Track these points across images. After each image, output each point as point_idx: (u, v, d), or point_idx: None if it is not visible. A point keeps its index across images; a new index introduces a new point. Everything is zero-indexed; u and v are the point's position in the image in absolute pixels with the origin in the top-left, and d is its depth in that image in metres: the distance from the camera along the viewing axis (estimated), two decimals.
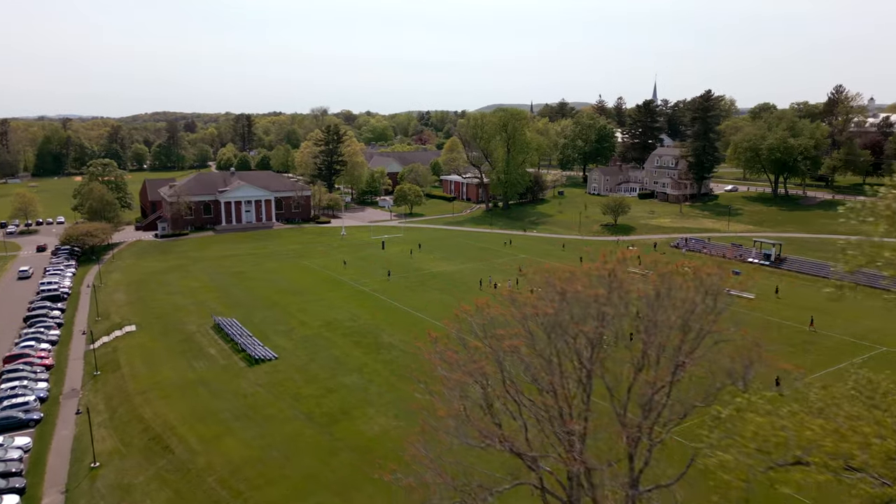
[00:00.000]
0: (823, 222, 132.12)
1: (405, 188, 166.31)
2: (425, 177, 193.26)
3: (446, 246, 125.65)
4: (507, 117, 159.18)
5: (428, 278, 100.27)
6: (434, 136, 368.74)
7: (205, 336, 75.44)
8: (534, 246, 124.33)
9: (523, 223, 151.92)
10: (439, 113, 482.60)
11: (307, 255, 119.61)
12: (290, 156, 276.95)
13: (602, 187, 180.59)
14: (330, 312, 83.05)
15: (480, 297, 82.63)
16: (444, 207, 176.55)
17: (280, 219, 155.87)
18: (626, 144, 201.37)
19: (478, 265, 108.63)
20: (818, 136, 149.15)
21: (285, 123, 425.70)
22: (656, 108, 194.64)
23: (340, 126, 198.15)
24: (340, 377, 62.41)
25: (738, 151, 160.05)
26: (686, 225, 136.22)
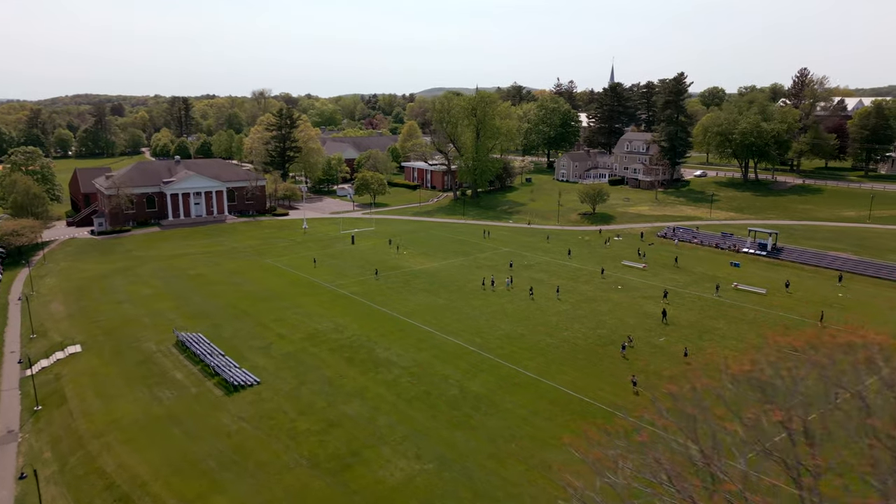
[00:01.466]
0: (804, 208, 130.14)
1: (367, 176, 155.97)
2: (385, 164, 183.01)
3: (421, 239, 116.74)
4: (477, 101, 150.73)
5: (410, 277, 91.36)
6: (385, 121, 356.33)
7: (167, 356, 64.47)
8: (514, 237, 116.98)
9: (496, 212, 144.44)
10: (387, 96, 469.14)
11: (269, 253, 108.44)
12: (233, 141, 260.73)
13: (571, 174, 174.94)
14: (310, 322, 73.22)
15: (481, 299, 74.12)
16: (408, 196, 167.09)
17: (233, 211, 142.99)
18: (591, 129, 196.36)
19: (461, 261, 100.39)
20: (790, 120, 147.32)
21: (224, 107, 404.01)
22: (623, 92, 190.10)
23: (294, 110, 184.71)
24: (340, 405, 53.19)
25: (707, 136, 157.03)
26: (666, 213, 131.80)
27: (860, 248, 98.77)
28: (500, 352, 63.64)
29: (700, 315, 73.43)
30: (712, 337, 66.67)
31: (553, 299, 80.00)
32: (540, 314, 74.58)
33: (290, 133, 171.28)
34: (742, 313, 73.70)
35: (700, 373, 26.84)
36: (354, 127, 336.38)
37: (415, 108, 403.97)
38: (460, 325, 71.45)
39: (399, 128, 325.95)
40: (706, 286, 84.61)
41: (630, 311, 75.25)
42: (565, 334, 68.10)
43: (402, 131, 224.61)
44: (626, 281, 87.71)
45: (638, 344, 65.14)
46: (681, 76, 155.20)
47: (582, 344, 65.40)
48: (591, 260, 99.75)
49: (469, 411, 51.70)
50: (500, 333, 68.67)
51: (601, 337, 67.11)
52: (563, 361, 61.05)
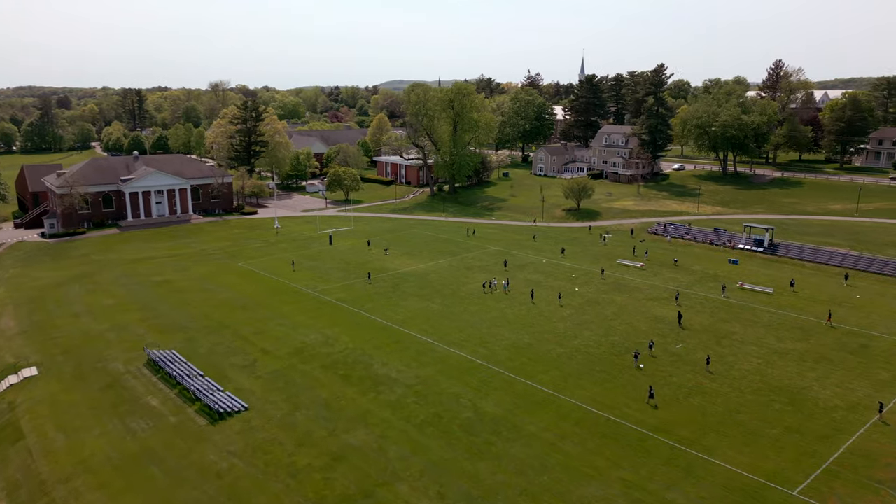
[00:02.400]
0: (789, 202, 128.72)
1: (339, 172, 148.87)
2: (357, 158, 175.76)
3: (404, 239, 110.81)
4: (454, 93, 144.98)
5: (399, 280, 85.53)
6: (350, 113, 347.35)
7: (139, 378, 57.38)
8: (501, 236, 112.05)
9: (476, 209, 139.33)
10: (349, 88, 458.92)
11: (242, 255, 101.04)
12: (192, 135, 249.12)
13: (549, 168, 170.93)
14: (296, 334, 66.84)
15: (479, 304, 68.89)
16: (382, 192, 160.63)
17: (198, 210, 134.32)
18: (567, 122, 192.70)
19: (449, 261, 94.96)
20: (770, 113, 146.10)
21: (180, 99, 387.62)
22: (599, 84, 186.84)
23: (259, 102, 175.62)
24: (342, 434, 47.31)
25: (686, 129, 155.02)
26: (651, 207, 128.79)
27: (856, 242, 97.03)
28: (510, 364, 58.58)
29: (712, 318, 69.71)
30: (730, 342, 62.89)
31: (555, 303, 75.33)
32: (544, 320, 69.79)
33: (255, 126, 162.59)
34: (754, 315, 70.27)
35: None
36: (318, 120, 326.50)
37: (379, 100, 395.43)
38: (461, 334, 66.13)
39: (366, 121, 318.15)
40: (710, 286, 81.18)
41: (638, 315, 71.09)
42: (575, 343, 63.45)
43: (371, 124, 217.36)
44: (626, 282, 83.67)
45: (654, 351, 60.89)
46: (661, 67, 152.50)
47: (595, 353, 60.83)
48: (584, 258, 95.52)
49: (489, 437, 46.47)
50: (505, 343, 63.62)
51: (614, 345, 62.66)
52: (580, 374, 56.35)
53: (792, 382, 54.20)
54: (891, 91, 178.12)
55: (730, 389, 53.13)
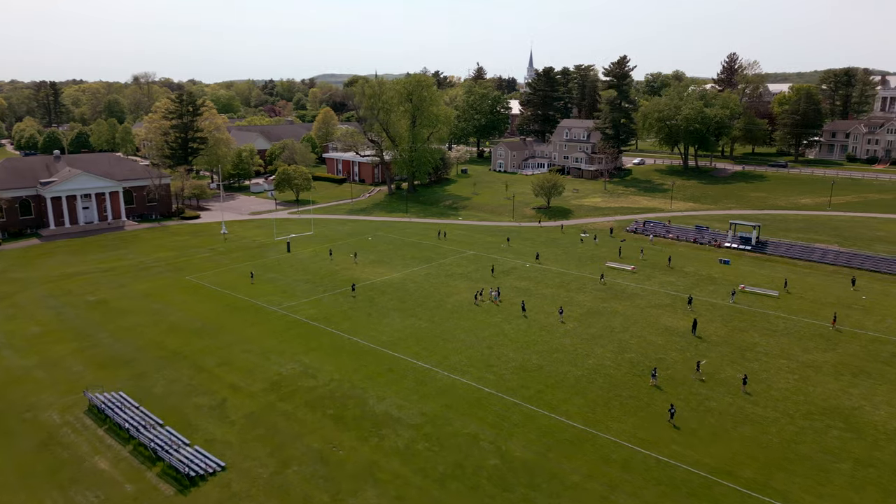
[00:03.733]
0: (758, 196, 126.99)
1: (289, 170, 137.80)
2: (304, 155, 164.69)
3: (368, 243, 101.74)
4: (413, 86, 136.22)
5: (374, 293, 76.77)
6: (288, 107, 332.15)
7: (80, 432, 46.77)
8: (474, 238, 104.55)
9: (440, 208, 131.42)
10: (285, 82, 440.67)
11: (189, 267, 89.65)
12: (116, 131, 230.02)
13: (509, 164, 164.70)
14: (268, 364, 57.33)
15: (471, 319, 60.98)
16: (335, 192, 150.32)
17: (132, 216, 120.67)
18: (524, 116, 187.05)
19: (425, 269, 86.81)
20: (731, 106, 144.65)
21: (100, 93, 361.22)
22: (557, 77, 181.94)
23: (195, 96, 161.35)
24: (349, 499, 38.67)
25: (647, 123, 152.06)
26: (622, 204, 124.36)
27: (841, 238, 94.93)
28: (525, 392, 51.23)
29: (726, 327, 64.53)
30: (756, 355, 57.67)
31: (553, 315, 68.49)
32: (547, 336, 62.83)
33: (193, 122, 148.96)
34: (770, 322, 65.53)
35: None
36: (253, 115, 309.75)
37: (318, 93, 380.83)
38: (460, 356, 58.31)
39: (306, 115, 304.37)
40: (710, 289, 76.36)
41: (647, 325, 65.16)
42: (590, 363, 56.73)
43: (316, 119, 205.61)
44: (621, 287, 77.84)
45: (676, 368, 54.94)
46: (623, 59, 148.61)
47: (616, 374, 54.28)
48: (570, 262, 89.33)
49: (526, 492, 38.93)
50: (513, 366, 56.24)
51: (634, 364, 56.32)
52: (607, 402, 49.58)
53: (840, 402, 49.16)
54: (837, 84, 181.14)
55: (777, 414, 47.54)
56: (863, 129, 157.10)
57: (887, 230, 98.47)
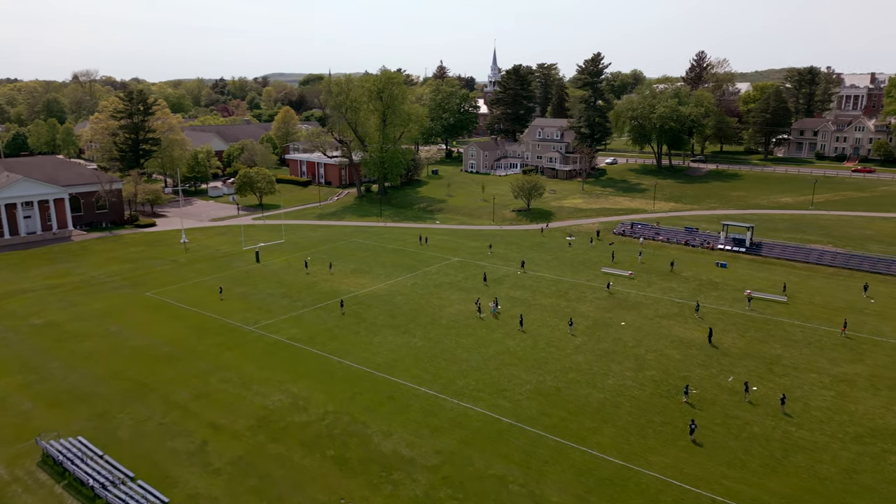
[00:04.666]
0: (738, 195, 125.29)
1: (251, 173, 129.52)
2: (265, 157, 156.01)
3: (345, 251, 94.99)
4: (384, 82, 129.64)
5: (360, 307, 70.36)
6: (242, 106, 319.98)
7: (33, 491, 39.23)
8: (457, 243, 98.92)
9: (414, 211, 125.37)
10: (237, 80, 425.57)
11: (148, 282, 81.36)
12: (57, 132, 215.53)
13: (480, 164, 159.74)
14: (251, 395, 50.52)
15: (470, 335, 55.31)
16: (301, 195, 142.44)
17: (80, 224, 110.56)
18: (494, 115, 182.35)
19: (410, 278, 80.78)
20: (706, 104, 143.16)
21: (38, 92, 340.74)
22: (527, 75, 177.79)
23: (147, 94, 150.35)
24: None
25: (620, 122, 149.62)
26: (603, 205, 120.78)
27: (832, 238, 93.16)
28: (548, 421, 45.96)
29: (743, 337, 60.72)
30: (784, 370, 53.86)
31: (558, 328, 63.57)
32: (557, 352, 57.79)
33: (144, 121, 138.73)
34: (786, 331, 62.07)
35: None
36: (204, 114, 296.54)
37: (272, 92, 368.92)
38: (467, 379, 52.68)
39: (262, 114, 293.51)
40: (714, 295, 72.71)
41: (660, 338, 60.83)
42: (610, 382, 51.90)
43: (276, 118, 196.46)
44: (622, 295, 73.52)
45: (704, 387, 50.60)
46: (598, 56, 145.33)
47: (641, 396, 49.56)
48: (560, 268, 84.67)
49: None
50: (527, 389, 50.92)
51: (657, 383, 51.72)
52: (642, 430, 44.72)
53: (887, 422, 45.51)
54: (801, 82, 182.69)
55: (826, 438, 43.53)
56: (831, 126, 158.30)
57: (875, 229, 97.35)
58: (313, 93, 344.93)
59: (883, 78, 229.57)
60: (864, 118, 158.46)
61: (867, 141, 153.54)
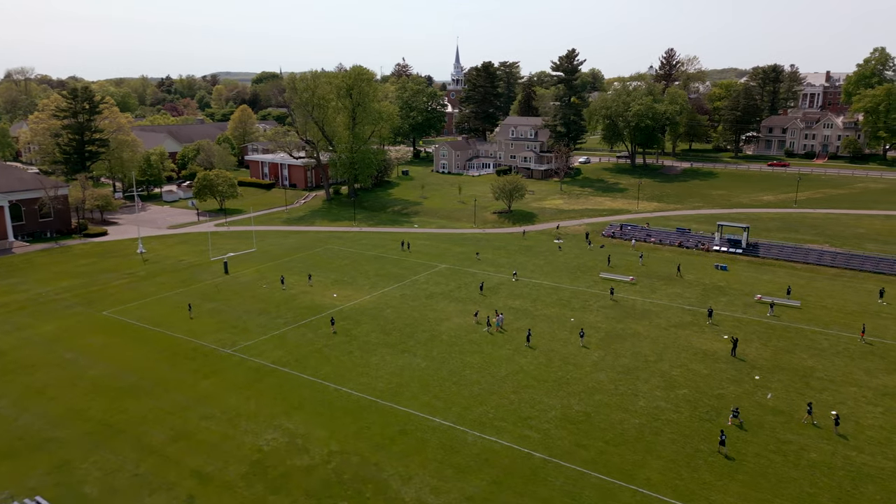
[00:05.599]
0: (719, 194, 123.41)
1: (210, 175, 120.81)
2: (224, 158, 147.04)
3: (322, 259, 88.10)
4: (353, 79, 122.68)
5: (348, 323, 63.95)
6: (193, 105, 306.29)
7: None
8: (441, 248, 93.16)
9: (389, 215, 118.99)
10: (185, 79, 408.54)
11: (104, 299, 72.97)
12: None
13: (452, 164, 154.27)
14: (240, 434, 43.76)
15: (476, 353, 49.57)
16: (264, 198, 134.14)
17: (22, 235, 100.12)
18: (464, 114, 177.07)
19: (398, 288, 74.69)
20: (680, 102, 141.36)
21: None
22: (496, 73, 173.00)
23: (93, 91, 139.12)
24: None
25: (593, 120, 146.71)
26: (585, 206, 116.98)
27: (826, 237, 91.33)
28: (585, 455, 40.82)
29: (766, 347, 57.02)
30: (821, 384, 50.17)
31: (569, 341, 58.69)
32: (575, 370, 52.83)
33: (90, 121, 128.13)
34: (809, 339, 58.69)
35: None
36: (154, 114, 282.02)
37: (223, 91, 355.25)
38: (484, 406, 47.12)
39: (215, 114, 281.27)
40: (723, 301, 69.09)
41: (680, 350, 56.59)
42: (642, 405, 47.16)
43: (232, 117, 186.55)
44: (628, 302, 69.20)
45: (743, 406, 46.34)
46: (573, 53, 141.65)
47: (680, 420, 44.95)
48: (557, 274, 79.97)
49: None
50: (553, 416, 45.70)
51: (693, 404, 47.22)
52: (692, 461, 40.00)
53: None
54: (765, 80, 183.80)
55: (892, 463, 39.70)
56: (800, 124, 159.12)
57: (865, 227, 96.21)
58: (268, 91, 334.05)
59: (837, 76, 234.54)
60: (832, 115, 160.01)
61: (836, 138, 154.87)
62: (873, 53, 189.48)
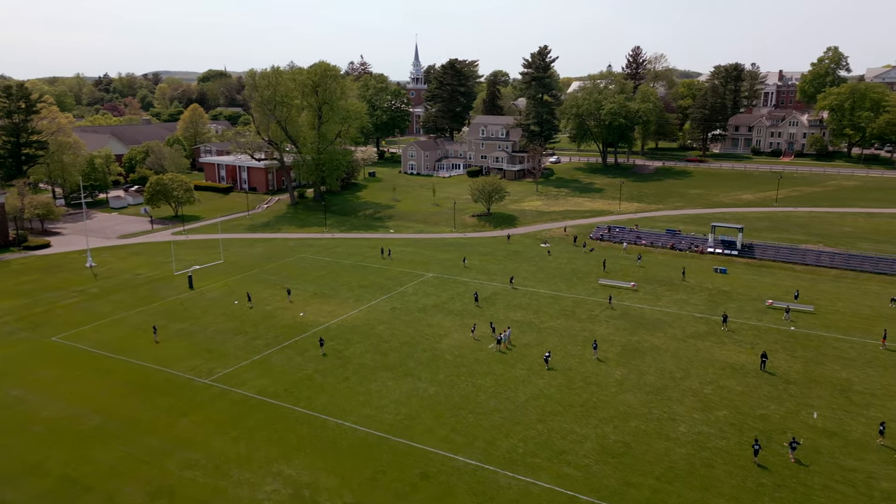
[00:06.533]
0: (697, 193, 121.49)
1: (164, 180, 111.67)
2: (177, 161, 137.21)
3: (295, 270, 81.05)
4: (320, 75, 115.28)
5: (338, 343, 57.58)
6: (136, 105, 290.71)
7: None
8: (424, 255, 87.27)
9: (360, 219, 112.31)
10: (125, 77, 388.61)
11: (52, 322, 64.42)
12: None
13: (422, 165, 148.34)
14: (233, 488, 37.16)
15: (487, 375, 45.04)
16: (224, 204, 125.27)
17: None
18: (431, 113, 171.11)
19: (387, 301, 68.59)
20: (653, 100, 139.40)
21: None
22: (464, 70, 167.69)
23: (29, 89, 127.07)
24: None
25: (565, 119, 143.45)
26: (566, 208, 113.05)
27: (811, 236, 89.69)
28: (638, 495, 35.98)
29: (796, 359, 53.58)
30: (863, 398, 46.80)
31: (584, 357, 53.99)
32: (600, 392, 48.07)
33: (27, 121, 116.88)
34: (836, 348, 55.58)
35: None
36: (94, 114, 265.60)
37: (166, 90, 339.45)
38: (510, 439, 41.81)
39: (161, 113, 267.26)
40: (732, 307, 65.64)
41: (705, 364, 52.58)
42: (683, 430, 42.70)
43: (182, 117, 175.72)
44: (633, 311, 65.06)
45: (789, 427, 42.48)
46: (545, 50, 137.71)
47: (728, 447, 40.63)
48: (552, 281, 75.33)
49: None
50: (590, 448, 40.74)
51: (738, 427, 42.98)
52: (756, 498, 35.64)
53: None
54: (727, 79, 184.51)
55: None
56: (766, 122, 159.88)
57: (853, 225, 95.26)
58: (216, 90, 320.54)
59: (790, 75, 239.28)
60: (797, 113, 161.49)
61: (801, 136, 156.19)
62: (827, 53, 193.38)
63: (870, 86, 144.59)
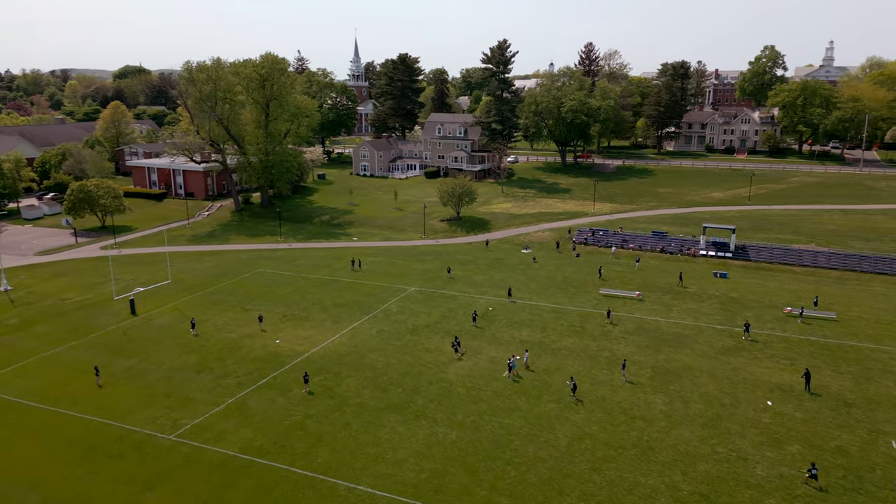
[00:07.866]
0: (667, 192, 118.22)
1: (89, 186, 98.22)
2: (100, 164, 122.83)
3: (259, 288, 70.90)
4: (268, 69, 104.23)
5: (326, 378, 48.68)
6: (46, 104, 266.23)
7: None
8: (398, 266, 78.70)
9: (317, 226, 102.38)
10: (30, 74, 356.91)
11: None
12: None
13: (375, 166, 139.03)
14: None
15: (510, 412, 38.14)
16: (158, 211, 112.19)
17: None
18: (381, 111, 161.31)
19: (371, 322, 59.94)
20: (613, 97, 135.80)
21: None
22: (415, 66, 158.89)
23: None
24: None
25: (522, 116, 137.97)
26: (538, 210, 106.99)
27: (798, 235, 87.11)
28: None
29: (843, 375, 48.80)
30: None
31: (614, 385, 47.40)
32: (649, 428, 41.49)
33: None
34: (880, 361, 51.17)
35: None
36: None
37: (77, 87, 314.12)
38: (568, 497, 34.62)
39: (75, 112, 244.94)
40: (748, 315, 60.80)
41: (750, 387, 47.02)
42: (761, 473, 36.60)
43: (102, 116, 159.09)
44: (653, 325, 59.21)
45: (873, 461, 37.26)
46: (504, 44, 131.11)
47: (823, 496, 34.82)
48: (545, 292, 68.64)
49: None
50: (664, 502, 33.97)
51: (826, 469, 37.21)
52: None
53: None
54: (675, 76, 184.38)
55: None
56: (719, 119, 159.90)
57: (835, 223, 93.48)
58: (135, 87, 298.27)
59: (725, 74, 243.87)
60: (749, 110, 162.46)
61: (753, 133, 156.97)
62: (764, 51, 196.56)
63: (820, 83, 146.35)
